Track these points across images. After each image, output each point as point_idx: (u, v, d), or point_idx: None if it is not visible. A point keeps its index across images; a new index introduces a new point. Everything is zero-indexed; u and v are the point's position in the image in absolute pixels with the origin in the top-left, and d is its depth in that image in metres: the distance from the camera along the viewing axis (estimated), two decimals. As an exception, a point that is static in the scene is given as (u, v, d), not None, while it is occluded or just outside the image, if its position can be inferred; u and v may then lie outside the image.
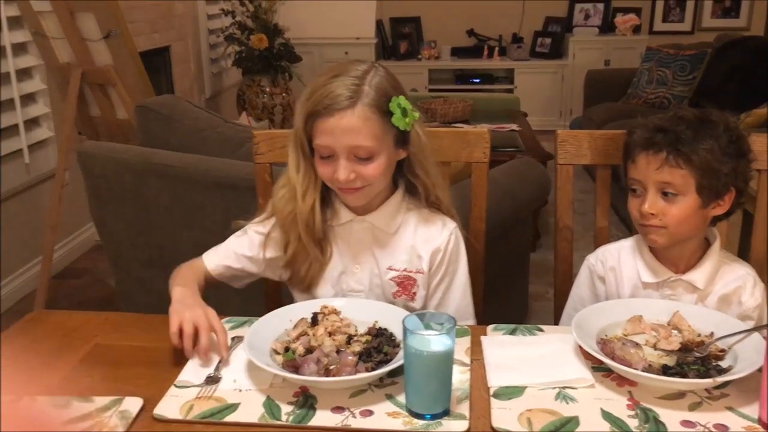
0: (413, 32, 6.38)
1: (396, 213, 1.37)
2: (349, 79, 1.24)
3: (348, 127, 1.22)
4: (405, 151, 1.32)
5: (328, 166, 1.27)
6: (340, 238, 1.38)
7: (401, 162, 1.34)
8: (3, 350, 1.21)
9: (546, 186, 2.60)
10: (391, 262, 1.37)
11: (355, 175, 1.26)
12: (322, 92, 1.23)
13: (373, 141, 1.24)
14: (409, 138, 1.31)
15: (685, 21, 6.21)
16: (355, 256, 1.38)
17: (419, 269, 1.37)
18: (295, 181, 1.32)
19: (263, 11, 4.97)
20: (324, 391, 1.08)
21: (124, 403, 1.05)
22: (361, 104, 1.23)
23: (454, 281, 1.40)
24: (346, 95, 1.22)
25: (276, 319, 1.24)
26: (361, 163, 1.25)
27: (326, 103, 1.23)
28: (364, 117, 1.23)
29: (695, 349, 1.15)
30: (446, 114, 4.16)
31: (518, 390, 1.08)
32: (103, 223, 2.28)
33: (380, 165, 1.27)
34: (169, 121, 2.25)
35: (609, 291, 1.40)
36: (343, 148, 1.24)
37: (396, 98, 1.25)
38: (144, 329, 1.31)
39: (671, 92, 4.66)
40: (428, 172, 1.35)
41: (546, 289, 3.06)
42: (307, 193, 1.32)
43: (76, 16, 2.73)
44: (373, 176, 1.27)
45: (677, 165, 1.24)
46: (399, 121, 1.25)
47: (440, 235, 1.37)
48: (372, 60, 5.89)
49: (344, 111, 1.22)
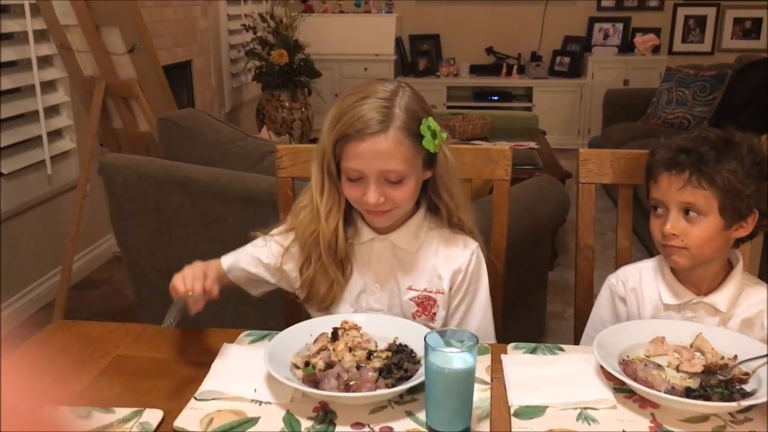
0: (432, 49, 6.41)
1: (418, 232, 1.36)
2: (379, 101, 1.23)
3: (380, 151, 1.22)
4: (431, 171, 1.31)
5: (357, 189, 1.26)
6: (360, 256, 1.37)
7: (426, 181, 1.33)
8: (25, 359, 1.22)
9: (565, 204, 2.59)
10: (412, 282, 1.36)
11: (384, 199, 1.25)
12: (352, 115, 1.22)
13: (404, 165, 1.23)
14: (436, 159, 1.30)
15: (705, 42, 6.19)
16: (375, 276, 1.36)
17: (440, 289, 1.36)
18: (319, 202, 1.31)
19: (284, 27, 5.02)
20: (344, 406, 1.08)
21: (144, 415, 1.06)
22: (393, 128, 1.22)
23: (475, 301, 1.39)
24: (378, 119, 1.21)
25: (296, 333, 1.24)
26: (391, 186, 1.25)
27: (358, 127, 1.21)
28: (397, 141, 1.22)
29: (719, 372, 1.14)
30: (465, 131, 4.17)
31: (539, 409, 1.07)
32: (123, 234, 2.30)
33: (410, 188, 1.26)
34: (191, 134, 2.27)
35: (630, 312, 1.39)
36: (374, 172, 1.23)
37: (426, 120, 1.25)
38: (165, 341, 1.32)
39: (691, 113, 4.64)
40: (452, 193, 1.34)
41: (563, 308, 3.04)
42: (331, 214, 1.31)
43: (101, 30, 2.77)
44: (402, 199, 1.27)
45: (700, 185, 1.23)
46: (429, 144, 1.24)
47: (461, 256, 1.36)
48: (391, 77, 5.96)
49: (377, 135, 1.21)
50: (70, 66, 3.00)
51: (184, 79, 4.39)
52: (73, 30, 2.84)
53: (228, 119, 5.04)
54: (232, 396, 1.11)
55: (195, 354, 1.26)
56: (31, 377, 0.86)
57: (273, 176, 1.58)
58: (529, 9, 6.24)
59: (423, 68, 6.34)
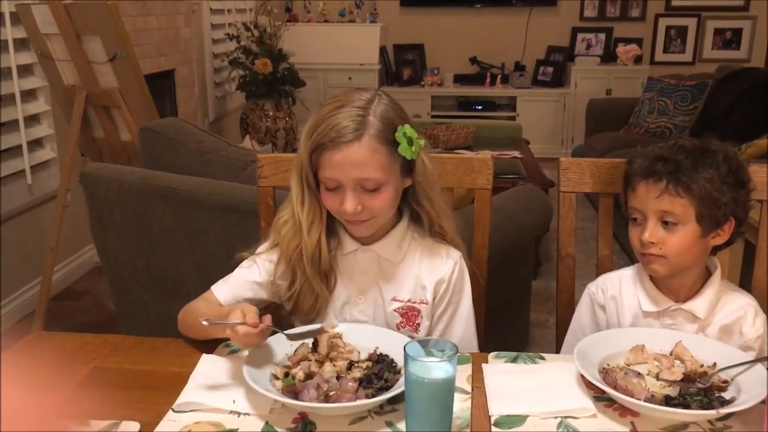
0: (417, 59, 6.44)
1: (401, 242, 1.35)
2: (354, 109, 1.23)
3: (355, 160, 1.21)
4: (410, 179, 1.31)
5: (335, 198, 1.25)
6: (344, 267, 1.36)
7: (406, 190, 1.33)
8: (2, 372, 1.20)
9: (548, 213, 2.60)
10: (395, 292, 1.35)
11: (362, 207, 1.24)
12: (327, 124, 1.22)
13: (380, 172, 1.23)
14: (414, 166, 1.29)
15: (686, 52, 6.26)
16: (359, 287, 1.36)
17: (423, 299, 1.35)
18: (300, 215, 1.29)
19: (268, 36, 5.02)
20: (323, 417, 1.07)
21: (121, 427, 1.04)
22: (367, 136, 1.21)
23: (457, 311, 1.38)
24: (352, 127, 1.21)
25: (276, 344, 1.23)
26: (368, 194, 1.24)
27: (332, 136, 1.21)
28: (371, 149, 1.22)
29: (698, 380, 1.14)
30: (449, 140, 4.18)
31: (520, 419, 1.07)
32: (104, 245, 2.28)
33: (388, 196, 1.26)
34: (173, 144, 2.26)
35: (610, 319, 1.39)
36: (351, 180, 1.22)
37: (402, 127, 1.24)
38: (143, 352, 1.30)
39: (672, 122, 4.68)
40: (433, 201, 1.33)
41: (547, 317, 3.05)
42: (313, 226, 1.30)
43: (82, 39, 2.75)
44: (380, 208, 1.26)
45: (677, 194, 1.24)
46: (405, 151, 1.24)
47: (445, 266, 1.36)
48: (375, 86, 5.97)
49: (351, 144, 1.21)
50: (50, 75, 2.98)
51: (167, 88, 4.37)
52: (53, 38, 2.82)
53: (212, 129, 5.02)
54: (210, 407, 1.10)
55: (173, 365, 1.24)
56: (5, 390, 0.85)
57: (255, 186, 1.57)
58: (512, 19, 6.28)
59: (407, 78, 6.36)
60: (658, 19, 6.23)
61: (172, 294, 2.19)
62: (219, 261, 1.44)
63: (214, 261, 2.00)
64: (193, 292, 1.40)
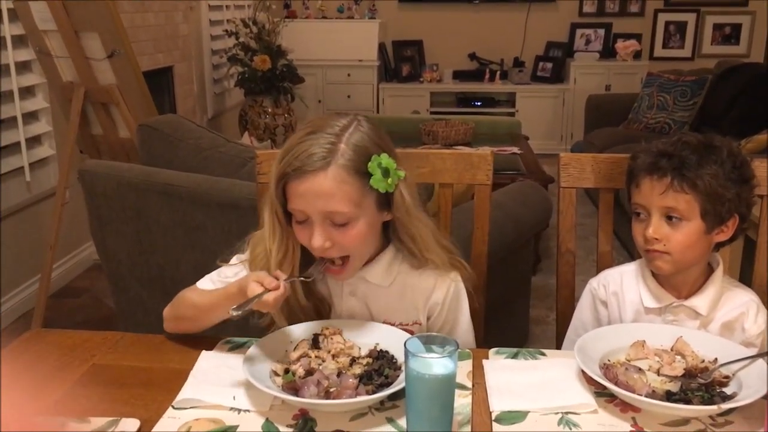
0: (416, 55, 6.43)
1: (389, 267, 1.28)
2: (325, 136, 1.14)
3: (320, 191, 1.13)
4: (390, 213, 1.22)
5: (305, 231, 1.17)
6: (333, 288, 1.31)
7: (387, 222, 1.24)
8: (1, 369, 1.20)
9: (548, 209, 2.60)
10: (386, 316, 1.30)
11: (330, 243, 1.16)
12: (295, 151, 1.14)
13: (348, 206, 1.14)
14: (393, 199, 1.19)
15: (686, 47, 6.25)
16: (348, 309, 1.31)
17: (416, 321, 1.31)
18: (272, 248, 1.20)
19: (267, 33, 5.00)
20: (324, 414, 1.07)
21: (120, 425, 1.04)
22: (335, 165, 1.13)
23: (455, 329, 1.34)
24: (320, 155, 1.12)
25: (276, 340, 1.23)
26: (338, 229, 1.16)
27: (296, 165, 1.13)
28: (339, 180, 1.13)
29: (699, 375, 1.14)
30: (448, 136, 4.17)
31: (521, 415, 1.07)
32: (103, 242, 2.27)
33: (359, 232, 1.17)
34: (172, 141, 2.25)
35: (611, 315, 1.39)
36: (317, 213, 1.14)
37: (377, 157, 1.15)
38: (142, 349, 1.30)
39: (672, 117, 4.68)
40: (415, 237, 1.24)
41: (547, 313, 3.05)
42: (284, 262, 1.21)
43: (80, 36, 2.75)
44: (350, 244, 1.17)
45: (682, 190, 1.23)
46: (379, 183, 1.15)
47: (438, 290, 1.30)
48: (375, 83, 5.95)
49: (316, 173, 1.12)
50: (48, 72, 2.97)
51: (165, 84, 4.36)
52: (51, 35, 2.81)
53: (210, 125, 5.01)
54: (210, 404, 1.09)
55: (172, 362, 1.24)
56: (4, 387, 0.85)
57: (254, 182, 1.56)
58: (511, 15, 6.27)
59: (406, 74, 6.35)
60: (657, 14, 6.22)
61: (170, 291, 2.16)
62: (218, 258, 1.43)
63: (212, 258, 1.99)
64: (192, 289, 1.39)
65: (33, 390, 1.16)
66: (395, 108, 6.10)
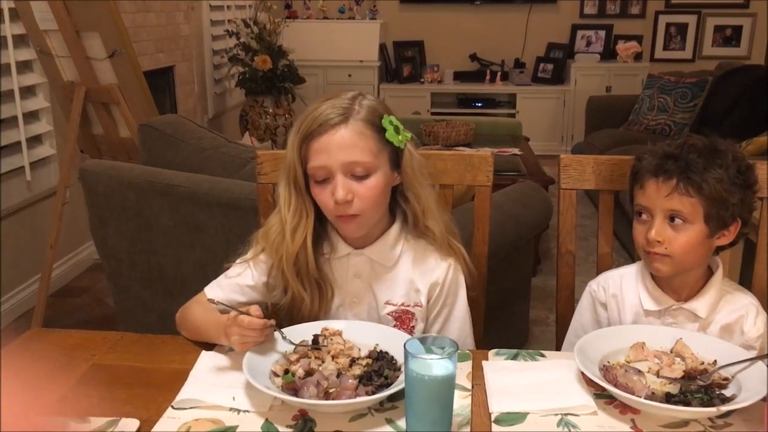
0: (416, 56, 6.43)
1: (395, 245, 1.34)
2: (339, 100, 1.25)
3: (343, 142, 1.22)
4: (399, 175, 1.30)
5: (325, 190, 1.24)
6: (337, 272, 1.35)
7: (395, 189, 1.31)
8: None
9: (548, 210, 2.60)
10: (389, 296, 1.34)
11: (352, 195, 1.22)
12: (314, 115, 1.24)
13: (369, 156, 1.23)
14: (402, 158, 1.29)
15: (686, 49, 6.25)
16: (352, 291, 1.35)
17: (417, 303, 1.34)
18: (286, 218, 1.28)
19: (267, 33, 5.00)
20: (323, 414, 1.07)
21: (120, 425, 1.04)
22: (354, 119, 1.23)
23: (452, 313, 1.37)
24: (339, 112, 1.23)
25: (276, 341, 1.23)
26: (358, 181, 1.23)
27: (319, 122, 1.22)
28: (359, 131, 1.22)
29: (698, 377, 1.14)
30: (448, 137, 4.17)
31: (520, 416, 1.07)
32: (103, 242, 2.27)
33: (377, 184, 1.24)
34: (173, 141, 2.25)
35: (611, 317, 1.39)
36: (339, 165, 1.22)
37: (387, 116, 1.26)
38: (142, 349, 1.30)
39: (672, 119, 4.68)
40: (419, 196, 1.31)
41: (547, 314, 3.05)
42: (298, 230, 1.28)
43: (81, 35, 2.75)
44: (370, 197, 1.24)
45: (687, 193, 1.23)
46: (393, 137, 1.24)
47: (438, 268, 1.34)
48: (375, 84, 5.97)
49: (338, 126, 1.22)
50: (49, 71, 2.97)
51: (166, 84, 4.37)
52: (52, 35, 2.81)
53: (211, 125, 5.01)
54: (210, 404, 1.09)
55: (173, 362, 1.24)
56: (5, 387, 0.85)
57: (254, 182, 1.57)
58: (512, 16, 6.27)
59: (407, 75, 6.35)
60: (658, 16, 6.22)
61: (171, 291, 2.18)
62: (218, 258, 1.43)
63: (213, 258, 2.00)
64: (193, 289, 1.39)
65: (33, 390, 1.16)
66: (396, 109, 5.95)
